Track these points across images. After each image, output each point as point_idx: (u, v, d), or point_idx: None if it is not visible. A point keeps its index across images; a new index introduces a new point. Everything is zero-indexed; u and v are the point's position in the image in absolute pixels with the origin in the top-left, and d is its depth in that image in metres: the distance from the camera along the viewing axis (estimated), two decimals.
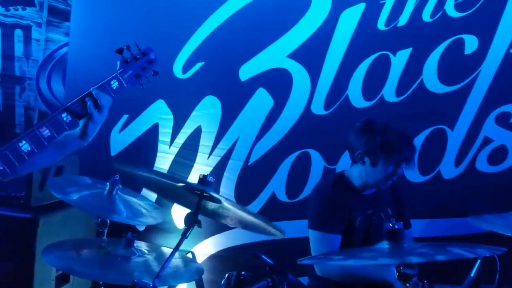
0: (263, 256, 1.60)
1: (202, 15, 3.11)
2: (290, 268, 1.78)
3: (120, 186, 2.26)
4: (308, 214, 2.21)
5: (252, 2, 3.03)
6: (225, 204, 1.76)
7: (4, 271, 2.36)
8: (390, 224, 1.49)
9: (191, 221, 1.66)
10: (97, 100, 1.48)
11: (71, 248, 2.04)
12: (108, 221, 2.27)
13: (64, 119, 1.46)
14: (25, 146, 1.39)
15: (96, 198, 2.20)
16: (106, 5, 3.34)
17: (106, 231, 2.29)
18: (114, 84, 1.55)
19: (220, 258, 3.05)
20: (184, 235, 1.66)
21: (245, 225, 1.88)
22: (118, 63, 1.60)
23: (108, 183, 2.22)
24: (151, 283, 1.53)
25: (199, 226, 1.68)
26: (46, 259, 1.88)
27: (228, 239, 3.02)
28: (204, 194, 1.70)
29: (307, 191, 2.91)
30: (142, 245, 2.21)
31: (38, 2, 4.12)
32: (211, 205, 1.93)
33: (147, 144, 3.21)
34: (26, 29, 4.12)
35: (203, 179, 1.73)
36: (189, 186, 1.76)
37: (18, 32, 4.10)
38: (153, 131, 3.21)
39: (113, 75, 1.57)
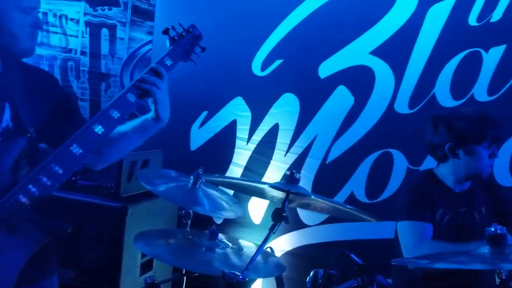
0: (352, 255, 1.58)
1: (282, 12, 3.11)
2: None
3: (203, 180, 2.32)
4: (397, 210, 2.15)
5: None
6: (314, 197, 1.75)
7: (95, 257, 2.49)
8: (493, 228, 1.41)
9: (278, 216, 1.66)
10: (153, 79, 1.54)
11: (159, 237, 2.11)
12: (191, 213, 2.35)
13: (129, 98, 1.53)
14: (98, 128, 1.47)
15: (181, 190, 2.27)
16: (188, 5, 3.43)
17: (189, 222, 2.36)
18: (168, 61, 1.62)
19: (295, 256, 3.04)
20: (272, 230, 1.66)
21: (336, 213, 1.87)
22: (167, 42, 1.68)
23: (192, 177, 2.29)
24: (240, 275, 1.54)
25: (287, 222, 1.67)
26: (137, 246, 1.96)
27: (304, 237, 3.01)
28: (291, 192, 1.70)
29: (388, 192, 2.84)
30: (223, 238, 2.25)
31: (122, 2, 4.31)
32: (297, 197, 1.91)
33: (225, 140, 3.26)
34: (112, 28, 4.33)
35: (290, 176, 1.73)
36: (276, 186, 1.76)
37: (105, 31, 4.32)
38: (231, 127, 3.25)
39: (166, 53, 1.64)
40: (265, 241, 1.65)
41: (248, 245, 2.36)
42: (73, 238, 2.53)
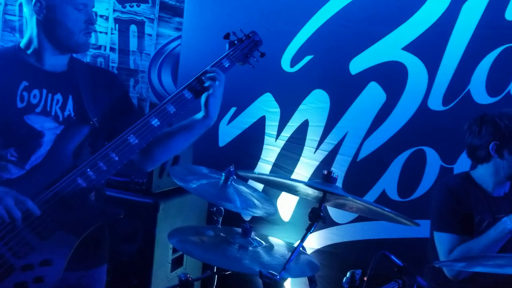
0: (392, 256, 1.55)
1: (312, 8, 3.08)
2: None
3: (235, 177, 2.32)
4: (431, 215, 2.11)
5: None
6: (350, 198, 1.73)
7: (127, 252, 2.53)
8: None
9: (316, 216, 1.65)
10: (213, 75, 1.64)
11: (192, 233, 2.12)
12: (223, 210, 2.35)
13: (186, 95, 1.65)
14: (154, 121, 1.60)
15: (212, 187, 2.28)
16: (217, 1, 3.42)
17: (221, 219, 2.37)
18: (226, 63, 1.74)
19: (326, 254, 3.02)
20: (309, 230, 1.65)
21: (372, 214, 1.85)
22: (227, 45, 1.81)
23: (223, 174, 2.29)
24: (278, 275, 1.54)
25: (324, 222, 1.65)
26: (171, 242, 1.97)
27: (334, 235, 2.99)
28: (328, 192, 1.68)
29: (421, 190, 2.80)
30: (254, 235, 2.24)
31: None
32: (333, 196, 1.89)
33: (254, 136, 3.26)
34: (140, 25, 4.36)
35: (327, 176, 1.71)
36: (313, 185, 1.74)
37: (133, 28, 4.35)
38: (260, 123, 3.25)
39: (224, 54, 1.76)
40: (302, 241, 1.63)
41: (278, 242, 2.36)
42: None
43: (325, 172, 1.71)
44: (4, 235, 1.47)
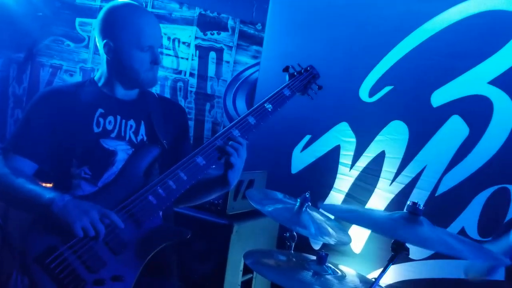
0: None
1: (392, 40, 3.07)
2: None
3: (309, 203, 2.32)
4: None
5: (447, 27, 2.90)
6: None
7: (199, 271, 2.58)
8: None
9: (399, 247, 1.61)
10: (231, 151, 1.66)
11: (266, 256, 2.14)
12: (296, 236, 2.35)
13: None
14: (220, 142, 1.67)
15: (288, 212, 2.29)
16: (296, 31, 3.49)
17: (293, 245, 2.37)
18: (286, 92, 1.84)
19: None
20: (391, 261, 1.62)
21: None
22: (287, 77, 1.93)
23: (299, 199, 2.30)
24: None
25: (407, 254, 1.62)
26: (246, 262, 2.00)
27: (408, 271, 2.87)
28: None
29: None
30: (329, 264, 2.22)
31: (230, 27, 4.52)
32: None
33: (327, 165, 3.25)
34: (219, 52, 4.54)
35: (413, 207, 1.68)
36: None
37: (212, 55, 4.54)
38: (335, 152, 3.23)
39: (284, 85, 1.87)
40: (384, 271, 1.60)
41: (351, 272, 2.32)
42: (179, 250, 2.65)
43: (410, 203, 1.68)
44: (78, 249, 1.53)
